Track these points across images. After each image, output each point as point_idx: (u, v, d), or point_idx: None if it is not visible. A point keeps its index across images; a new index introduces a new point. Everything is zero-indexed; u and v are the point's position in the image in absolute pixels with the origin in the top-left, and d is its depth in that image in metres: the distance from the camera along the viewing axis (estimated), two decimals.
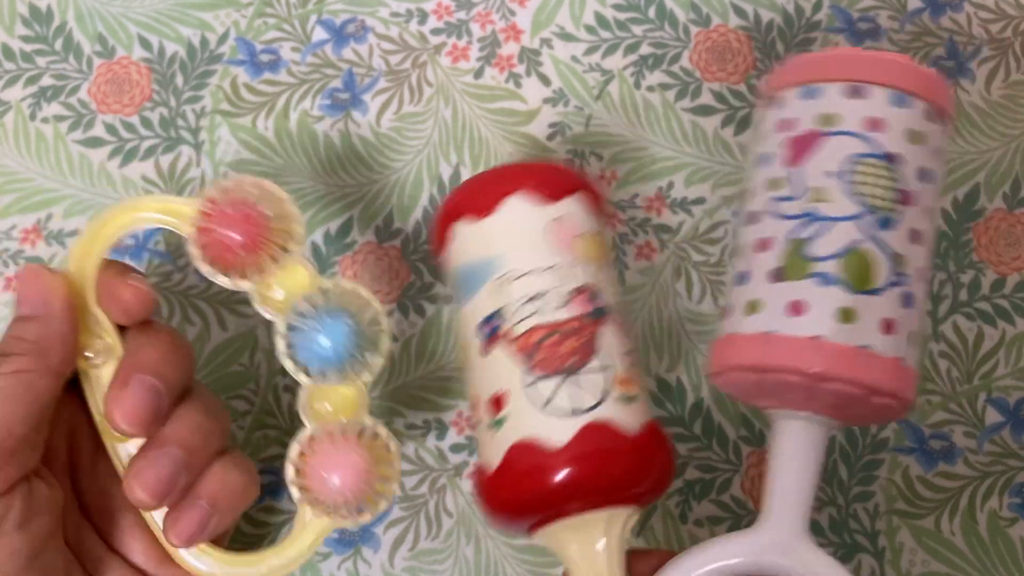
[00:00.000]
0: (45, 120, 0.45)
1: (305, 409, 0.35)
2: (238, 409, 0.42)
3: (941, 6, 0.46)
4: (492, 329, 0.34)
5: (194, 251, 0.35)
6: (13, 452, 0.31)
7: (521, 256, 0.35)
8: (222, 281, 0.35)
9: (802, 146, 0.33)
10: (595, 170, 0.44)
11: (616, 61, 0.45)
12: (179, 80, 0.46)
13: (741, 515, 0.41)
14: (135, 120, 0.45)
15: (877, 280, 0.32)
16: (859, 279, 0.32)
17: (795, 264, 0.32)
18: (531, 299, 0.34)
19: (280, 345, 0.34)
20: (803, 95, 0.34)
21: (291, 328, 0.34)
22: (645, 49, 0.46)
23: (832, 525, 0.40)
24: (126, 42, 0.46)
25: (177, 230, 0.35)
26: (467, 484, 0.41)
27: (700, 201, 0.44)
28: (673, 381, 0.42)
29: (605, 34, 0.46)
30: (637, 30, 0.46)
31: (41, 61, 0.46)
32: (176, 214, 0.35)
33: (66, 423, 0.35)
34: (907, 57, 0.34)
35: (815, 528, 0.40)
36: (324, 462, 0.34)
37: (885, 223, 0.32)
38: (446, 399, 0.42)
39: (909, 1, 0.46)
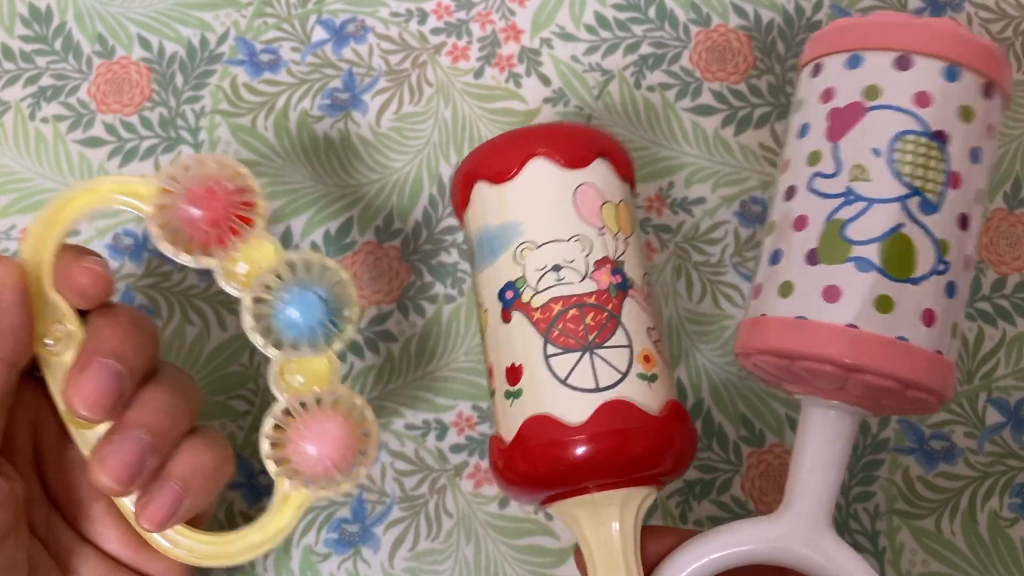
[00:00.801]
0: (45, 120, 0.45)
1: (276, 382, 0.34)
2: (238, 409, 0.42)
3: (941, 6, 0.45)
4: (512, 297, 0.33)
5: (154, 230, 0.34)
6: None
7: (544, 224, 0.34)
8: (184, 259, 0.34)
9: (844, 119, 0.31)
10: None
11: (616, 61, 0.45)
12: (179, 80, 0.46)
13: (741, 515, 0.40)
14: (135, 120, 0.45)
15: (919, 268, 0.30)
16: (900, 266, 0.30)
17: (832, 246, 0.30)
18: (553, 269, 0.33)
19: (247, 319, 0.34)
20: (847, 64, 0.32)
21: (258, 301, 0.34)
22: (645, 49, 0.46)
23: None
24: (126, 42, 0.46)
25: (136, 211, 0.34)
26: (467, 484, 0.41)
27: (700, 201, 0.44)
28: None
29: (605, 34, 0.46)
30: (637, 30, 0.46)
31: (41, 61, 0.46)
32: (135, 194, 0.34)
33: (29, 413, 0.34)
34: (961, 25, 0.31)
35: None
36: (299, 433, 0.33)
37: (931, 206, 0.30)
38: (446, 399, 0.42)
39: (909, 1, 0.46)
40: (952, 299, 0.31)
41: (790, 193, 0.32)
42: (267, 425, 0.34)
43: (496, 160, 0.35)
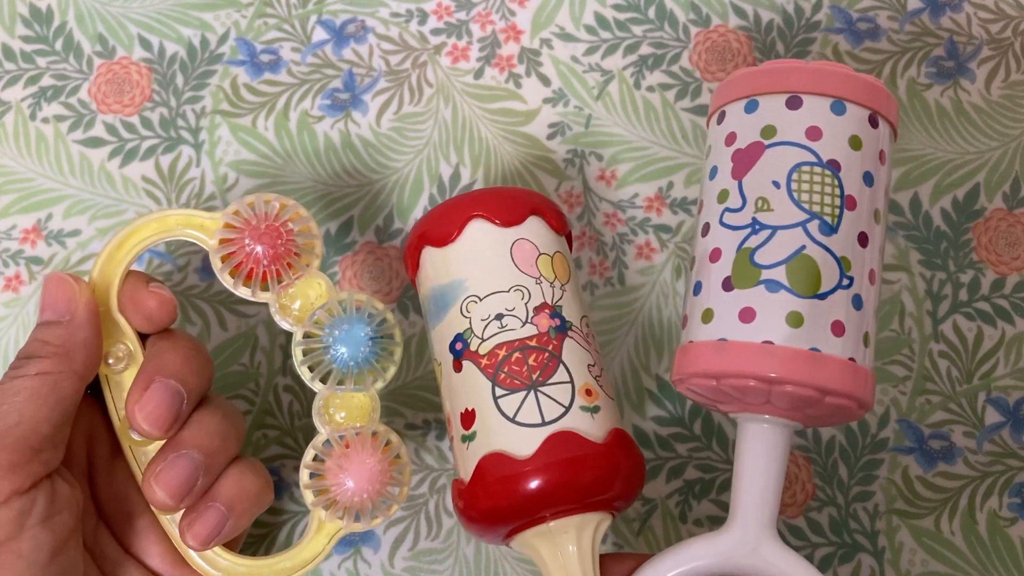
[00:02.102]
0: (45, 120, 0.45)
1: (320, 415, 0.36)
2: (238, 409, 0.42)
3: (941, 6, 0.46)
4: (461, 348, 0.35)
5: (217, 263, 0.35)
6: (38, 450, 0.32)
7: (485, 279, 0.36)
8: (242, 292, 0.36)
9: (746, 158, 0.34)
10: (595, 170, 0.44)
11: (616, 61, 0.45)
12: (179, 80, 0.46)
13: None
14: (135, 120, 0.45)
15: (824, 284, 0.32)
16: (806, 284, 0.32)
17: (744, 272, 0.33)
18: (496, 318, 0.35)
19: (297, 354, 0.35)
20: (745, 109, 0.35)
21: (308, 337, 0.35)
22: (645, 49, 0.46)
23: (832, 525, 0.40)
24: (126, 42, 0.46)
25: (201, 243, 0.36)
26: None
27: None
28: None
29: (605, 34, 0.46)
30: (637, 30, 0.46)
31: (41, 61, 0.46)
32: (200, 227, 0.36)
33: (85, 428, 0.36)
34: (844, 66, 0.34)
35: (815, 528, 0.40)
36: (338, 465, 0.35)
37: (830, 228, 0.33)
38: None
39: (909, 1, 0.46)
40: (860, 310, 0.33)
41: (705, 230, 0.35)
42: (308, 456, 0.35)
43: (439, 225, 0.37)
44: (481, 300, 0.35)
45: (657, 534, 0.41)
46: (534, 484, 0.33)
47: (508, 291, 0.36)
